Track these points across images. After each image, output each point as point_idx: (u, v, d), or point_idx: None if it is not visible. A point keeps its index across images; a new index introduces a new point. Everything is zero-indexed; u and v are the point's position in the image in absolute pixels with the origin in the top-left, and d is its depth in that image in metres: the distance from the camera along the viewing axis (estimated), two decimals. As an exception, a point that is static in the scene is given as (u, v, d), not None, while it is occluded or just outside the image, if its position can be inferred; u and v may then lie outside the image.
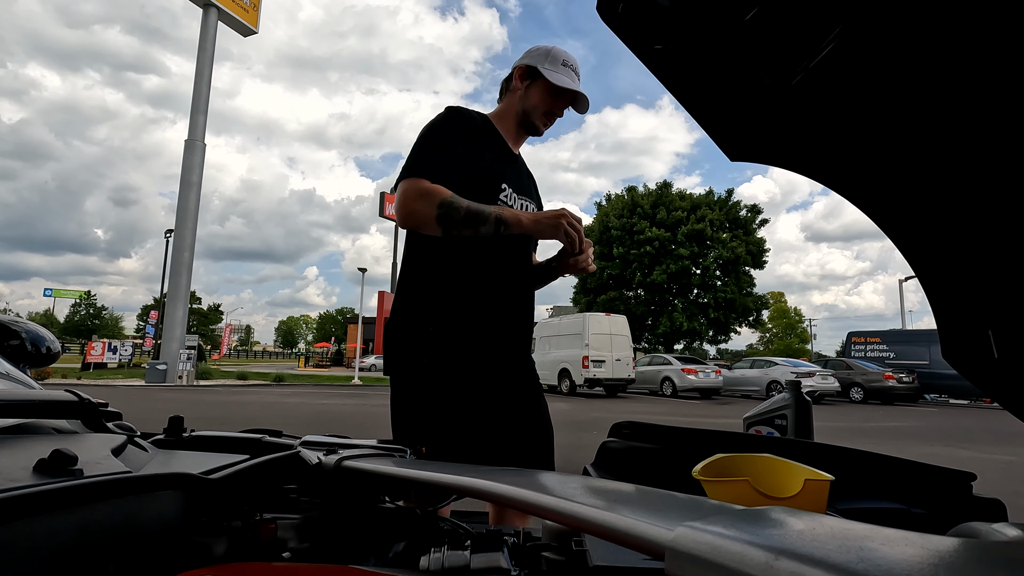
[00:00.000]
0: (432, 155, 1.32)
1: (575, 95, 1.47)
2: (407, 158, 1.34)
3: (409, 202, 1.26)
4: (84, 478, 0.42)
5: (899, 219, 0.61)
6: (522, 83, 1.48)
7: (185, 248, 19.97)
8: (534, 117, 1.48)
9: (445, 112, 1.41)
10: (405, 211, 1.27)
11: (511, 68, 1.53)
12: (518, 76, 1.49)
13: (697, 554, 0.25)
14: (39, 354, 1.13)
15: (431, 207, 1.24)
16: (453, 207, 1.23)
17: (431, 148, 1.33)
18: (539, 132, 1.52)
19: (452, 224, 1.24)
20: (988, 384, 0.63)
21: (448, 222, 1.24)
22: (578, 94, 1.46)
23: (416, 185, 1.27)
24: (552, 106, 1.47)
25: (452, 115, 1.40)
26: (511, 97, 1.51)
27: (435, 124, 1.38)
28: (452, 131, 1.37)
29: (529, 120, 1.49)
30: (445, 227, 1.24)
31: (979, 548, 0.27)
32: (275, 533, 0.56)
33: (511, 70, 1.53)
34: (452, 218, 1.23)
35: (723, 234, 30.93)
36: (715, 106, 0.58)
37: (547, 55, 1.46)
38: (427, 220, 1.25)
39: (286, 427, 0.81)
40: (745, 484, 0.64)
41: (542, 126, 1.51)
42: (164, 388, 15.79)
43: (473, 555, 0.52)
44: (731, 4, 0.45)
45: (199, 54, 21.18)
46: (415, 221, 1.27)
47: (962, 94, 0.45)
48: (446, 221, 1.24)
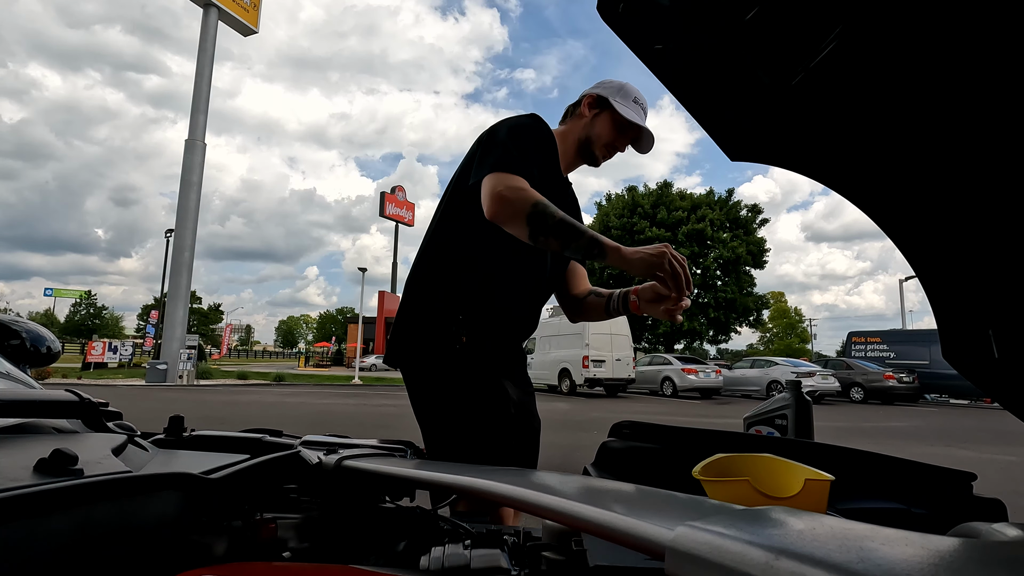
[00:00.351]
0: (524, 154, 1.29)
1: (639, 132, 1.47)
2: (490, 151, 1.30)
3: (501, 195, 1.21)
4: (84, 478, 0.42)
5: (899, 219, 0.61)
6: (590, 111, 1.48)
7: (185, 248, 19.98)
8: (596, 147, 1.48)
9: (530, 117, 1.40)
10: (497, 202, 1.21)
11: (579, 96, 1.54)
12: (587, 104, 1.49)
13: (697, 554, 0.25)
14: (39, 354, 1.13)
15: (525, 203, 1.19)
16: (548, 211, 1.18)
17: (522, 147, 1.31)
18: (597, 163, 1.52)
19: (542, 227, 1.18)
20: (988, 384, 0.63)
21: (539, 223, 1.18)
22: (643, 131, 1.47)
23: (509, 179, 1.23)
24: (616, 139, 1.47)
25: (538, 122, 1.39)
26: (575, 122, 1.51)
27: (522, 125, 1.36)
28: (536, 137, 1.36)
29: (590, 149, 1.49)
30: (534, 228, 1.18)
31: (979, 548, 0.27)
32: (275, 533, 0.56)
33: (580, 97, 1.52)
34: (544, 222, 1.17)
35: (723, 234, 30.93)
36: (715, 106, 0.58)
37: (620, 89, 1.47)
38: (517, 215, 1.19)
39: (286, 427, 0.81)
40: (745, 484, 0.64)
41: (601, 157, 1.50)
42: (164, 388, 15.80)
43: (473, 555, 0.52)
44: (731, 4, 0.45)
45: (199, 54, 21.18)
46: (503, 214, 1.21)
47: (963, 94, 0.45)
48: (537, 222, 1.18)
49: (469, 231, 1.34)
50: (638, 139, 1.49)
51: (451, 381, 1.31)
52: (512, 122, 1.37)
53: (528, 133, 1.35)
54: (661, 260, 1.16)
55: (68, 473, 0.42)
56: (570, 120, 1.52)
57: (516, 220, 1.20)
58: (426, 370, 1.34)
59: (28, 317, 7.76)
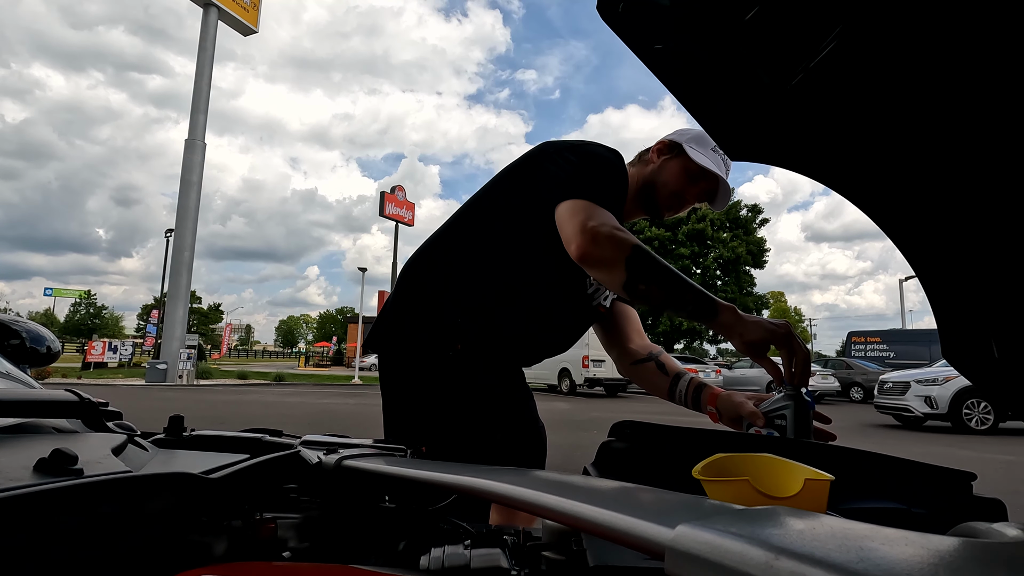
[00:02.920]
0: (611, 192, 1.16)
1: (715, 183, 1.27)
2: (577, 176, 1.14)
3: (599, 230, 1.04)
4: (84, 477, 0.42)
5: (899, 219, 0.61)
6: (659, 157, 1.31)
7: (185, 247, 19.98)
8: (660, 196, 1.30)
9: (614, 154, 1.24)
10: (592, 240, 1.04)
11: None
12: (657, 149, 1.32)
13: (697, 553, 0.25)
14: (39, 354, 1.13)
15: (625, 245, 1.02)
16: (650, 256, 1.03)
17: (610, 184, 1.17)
18: (660, 215, 1.33)
19: (643, 275, 1.01)
20: (988, 384, 0.63)
21: (640, 270, 1.01)
22: (719, 182, 1.26)
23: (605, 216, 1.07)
24: (685, 189, 1.28)
25: (620, 162, 1.24)
26: (641, 168, 1.33)
27: (609, 160, 1.21)
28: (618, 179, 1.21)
29: (652, 197, 1.30)
30: (633, 274, 1.02)
31: (979, 548, 0.27)
32: (275, 533, 0.56)
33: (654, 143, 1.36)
34: (645, 269, 1.01)
35: (723, 234, 30.96)
36: (715, 106, 0.58)
37: (697, 137, 1.28)
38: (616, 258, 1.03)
39: (286, 427, 0.81)
40: (745, 484, 0.64)
41: (664, 209, 1.31)
42: (164, 387, 15.79)
43: (473, 554, 0.52)
44: (731, 4, 0.45)
45: (199, 53, 21.18)
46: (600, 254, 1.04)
47: (963, 94, 0.45)
48: (638, 267, 1.01)
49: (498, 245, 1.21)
50: (713, 192, 1.28)
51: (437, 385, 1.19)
52: (601, 152, 1.22)
53: (615, 172, 1.20)
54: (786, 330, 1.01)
55: (68, 473, 0.42)
56: (638, 164, 1.36)
57: (614, 263, 1.03)
58: (410, 367, 1.21)
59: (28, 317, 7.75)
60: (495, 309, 1.20)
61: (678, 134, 1.31)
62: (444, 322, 1.19)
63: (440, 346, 1.18)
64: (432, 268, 1.25)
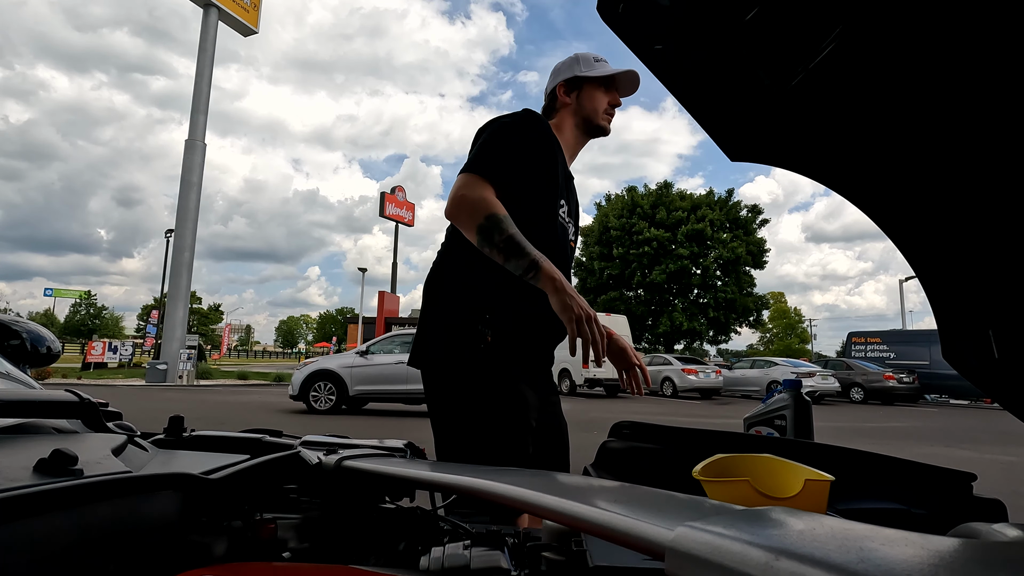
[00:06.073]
0: (501, 156, 1.27)
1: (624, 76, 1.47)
2: (474, 150, 1.29)
3: (462, 198, 1.22)
4: (84, 478, 0.42)
5: (899, 220, 0.61)
6: (568, 96, 1.49)
7: (185, 248, 19.97)
8: (598, 118, 1.48)
9: (523, 114, 1.37)
10: (455, 205, 1.22)
11: (543, 95, 1.54)
12: (562, 93, 1.49)
13: (697, 554, 0.25)
14: (39, 354, 1.13)
15: (478, 214, 1.19)
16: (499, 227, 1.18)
17: (501, 148, 1.29)
18: (607, 131, 1.52)
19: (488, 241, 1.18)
20: (988, 384, 0.63)
21: (486, 236, 1.18)
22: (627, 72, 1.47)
23: (475, 185, 1.22)
24: (610, 99, 1.49)
25: (529, 118, 1.36)
26: (562, 113, 1.50)
27: (509, 123, 1.33)
28: (526, 135, 1.33)
29: (593, 123, 1.49)
30: (481, 239, 1.19)
31: (979, 548, 0.27)
32: (275, 533, 0.56)
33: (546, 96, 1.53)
34: (491, 236, 1.18)
35: (723, 234, 30.94)
36: (715, 106, 0.58)
37: (576, 61, 1.48)
38: (468, 224, 1.20)
39: (286, 427, 0.81)
40: (745, 484, 0.64)
41: (607, 123, 1.51)
42: (164, 388, 15.79)
43: (473, 555, 0.52)
44: (731, 4, 0.45)
45: (200, 54, 21.19)
46: (458, 218, 1.23)
47: (963, 94, 0.45)
48: (485, 234, 1.18)
49: None
50: (624, 83, 1.50)
51: (471, 384, 1.26)
52: (500, 121, 1.34)
53: (514, 132, 1.32)
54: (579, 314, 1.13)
55: (68, 473, 0.42)
56: (556, 115, 1.50)
57: (468, 226, 1.20)
58: (447, 370, 1.29)
59: (28, 317, 7.76)
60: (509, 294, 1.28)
61: (561, 73, 1.49)
62: (472, 317, 1.27)
63: (472, 340, 1.26)
64: (452, 273, 1.33)
